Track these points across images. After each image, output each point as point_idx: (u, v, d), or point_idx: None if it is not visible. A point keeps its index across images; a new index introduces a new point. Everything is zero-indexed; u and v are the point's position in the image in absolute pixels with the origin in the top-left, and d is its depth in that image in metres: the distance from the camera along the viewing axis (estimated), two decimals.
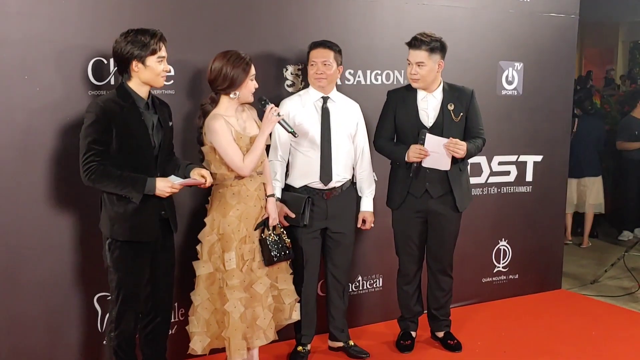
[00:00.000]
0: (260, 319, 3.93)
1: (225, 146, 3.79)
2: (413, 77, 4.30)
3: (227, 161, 3.81)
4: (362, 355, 4.54)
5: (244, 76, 3.81)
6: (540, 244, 5.90)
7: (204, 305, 3.90)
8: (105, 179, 3.39)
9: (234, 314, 3.82)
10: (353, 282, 5.01)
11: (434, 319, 4.78)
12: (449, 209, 4.45)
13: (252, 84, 3.87)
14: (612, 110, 9.11)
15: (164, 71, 3.51)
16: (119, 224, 3.48)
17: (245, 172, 3.82)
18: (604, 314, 5.48)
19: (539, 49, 5.63)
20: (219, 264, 3.86)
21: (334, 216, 4.36)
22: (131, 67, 3.45)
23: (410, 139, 4.33)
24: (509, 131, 5.53)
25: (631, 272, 6.43)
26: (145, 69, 3.46)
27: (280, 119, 3.85)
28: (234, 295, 3.82)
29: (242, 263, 3.86)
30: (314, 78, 4.26)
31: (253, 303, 3.90)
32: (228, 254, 3.82)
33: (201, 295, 3.90)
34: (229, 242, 3.83)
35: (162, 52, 3.49)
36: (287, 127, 3.91)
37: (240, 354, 3.86)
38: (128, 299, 3.56)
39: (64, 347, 4.04)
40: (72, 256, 4.01)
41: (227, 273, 3.83)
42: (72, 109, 3.85)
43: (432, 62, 4.25)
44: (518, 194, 5.70)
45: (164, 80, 3.56)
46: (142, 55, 3.43)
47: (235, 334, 3.84)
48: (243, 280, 3.85)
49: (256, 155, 3.81)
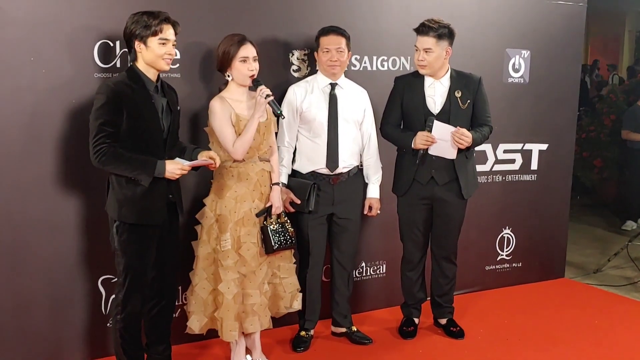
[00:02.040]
0: (257, 305, 3.95)
1: (219, 127, 3.81)
2: (420, 64, 4.28)
3: (221, 142, 3.83)
4: (365, 341, 4.55)
5: (232, 57, 3.80)
6: (544, 233, 5.90)
7: (202, 285, 3.93)
8: (116, 161, 3.38)
9: (227, 295, 3.85)
10: (357, 268, 5.02)
11: (437, 306, 4.79)
12: (455, 196, 4.44)
13: (244, 65, 3.82)
14: (618, 100, 9.08)
15: (167, 54, 3.49)
16: (127, 206, 3.48)
17: (236, 156, 3.82)
18: (607, 303, 5.48)
19: (547, 37, 5.60)
20: (215, 244, 3.88)
21: (340, 202, 4.37)
22: (134, 46, 3.45)
23: (417, 125, 4.32)
24: (514, 119, 5.52)
25: (634, 262, 6.42)
26: (147, 50, 3.45)
27: (269, 100, 3.79)
28: (228, 276, 3.85)
29: (237, 245, 3.87)
30: (327, 65, 4.24)
31: (250, 287, 3.92)
32: (223, 235, 3.85)
33: (199, 275, 3.93)
34: (225, 223, 3.86)
35: (165, 34, 3.46)
36: (275, 108, 3.83)
37: (232, 335, 3.89)
38: (135, 282, 3.56)
39: (69, 328, 4.07)
40: (77, 238, 4.02)
41: (221, 254, 3.86)
42: (78, 91, 3.85)
43: (440, 48, 4.23)
44: (523, 182, 5.69)
45: (168, 64, 3.53)
46: (143, 36, 3.42)
47: (228, 315, 3.86)
48: (237, 261, 3.86)
49: (246, 140, 3.79)
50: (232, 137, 3.81)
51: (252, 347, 4.15)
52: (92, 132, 3.38)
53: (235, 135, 3.81)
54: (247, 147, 3.83)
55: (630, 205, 8.40)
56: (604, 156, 8.95)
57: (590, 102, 11.75)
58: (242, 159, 3.86)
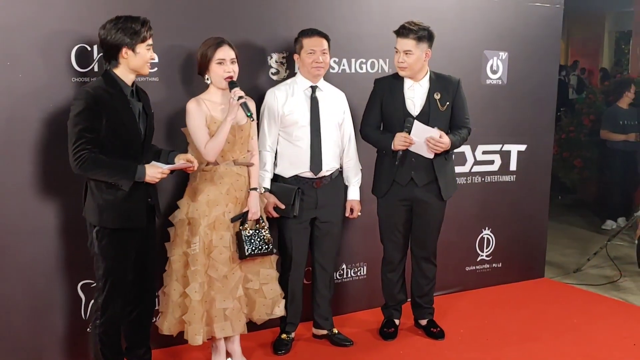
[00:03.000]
0: (229, 310, 3.94)
1: (193, 128, 3.82)
2: (400, 66, 4.30)
3: (195, 144, 3.84)
4: (345, 343, 4.56)
5: (209, 59, 3.82)
6: (524, 233, 5.94)
7: (173, 286, 3.93)
8: (97, 167, 3.38)
9: (194, 298, 3.84)
10: (337, 270, 5.02)
11: (417, 307, 4.81)
12: (434, 197, 4.47)
13: (220, 67, 3.83)
14: (597, 100, 9.16)
15: (151, 59, 3.52)
16: (108, 211, 3.47)
17: (208, 158, 3.82)
18: (586, 303, 5.53)
19: (524, 39, 5.65)
20: (186, 247, 3.89)
21: (323, 205, 4.38)
22: (120, 54, 3.44)
23: (396, 127, 4.34)
24: (493, 120, 5.55)
25: (613, 261, 6.48)
26: (135, 57, 3.45)
27: (241, 102, 3.77)
28: (196, 280, 3.84)
29: (208, 249, 3.87)
30: (313, 67, 4.24)
31: (220, 292, 3.91)
32: (193, 238, 3.85)
33: (171, 277, 3.94)
34: (195, 226, 3.86)
35: (151, 39, 3.49)
36: (246, 110, 3.79)
37: (197, 339, 3.87)
38: (115, 287, 3.56)
39: (48, 334, 4.04)
40: (56, 243, 4.00)
41: (191, 257, 3.85)
42: (56, 95, 3.84)
43: (420, 50, 4.26)
44: (502, 183, 5.73)
45: (149, 68, 3.57)
46: (132, 43, 3.42)
47: (194, 318, 3.86)
48: (206, 265, 3.86)
49: (218, 142, 3.79)
50: (205, 139, 3.81)
51: (232, 350, 4.14)
52: (71, 139, 3.37)
53: (209, 137, 3.82)
54: (219, 150, 3.82)
55: (610, 205, 8.47)
56: (583, 156, 9.03)
57: (571, 102, 11.84)
58: (214, 161, 3.86)
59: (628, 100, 8.09)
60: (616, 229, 7.81)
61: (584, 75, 14.65)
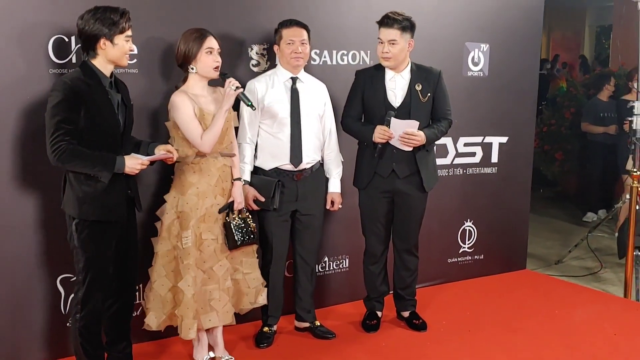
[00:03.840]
0: (215, 301, 3.92)
1: (185, 121, 3.78)
2: (385, 56, 4.29)
3: (187, 137, 3.80)
4: (328, 335, 4.55)
5: (197, 48, 3.79)
6: (506, 225, 5.96)
7: (161, 282, 3.89)
8: (75, 159, 3.34)
9: (187, 293, 3.82)
10: (320, 263, 5.01)
11: (399, 299, 4.81)
12: (416, 189, 4.47)
13: (210, 57, 3.81)
14: (578, 93, 9.21)
15: (130, 50, 3.48)
16: (87, 204, 3.43)
17: (204, 149, 3.80)
18: (567, 294, 5.56)
19: (505, 31, 5.66)
20: (176, 241, 3.85)
21: (304, 198, 4.36)
22: (98, 45, 3.40)
23: (377, 119, 4.33)
24: (474, 112, 5.56)
25: (594, 253, 6.53)
26: (113, 48, 3.41)
27: (239, 92, 3.79)
28: (189, 274, 3.82)
29: (199, 242, 3.85)
30: (292, 57, 4.21)
31: (210, 284, 3.90)
32: (185, 232, 3.82)
33: (158, 272, 3.90)
34: (186, 220, 3.83)
35: (129, 31, 3.45)
36: (246, 100, 3.83)
37: (191, 332, 3.86)
38: (96, 280, 3.52)
39: (27, 328, 4.00)
40: (35, 237, 3.95)
41: (183, 251, 3.83)
42: (33, 87, 3.79)
43: (404, 40, 4.25)
44: (483, 175, 5.74)
45: (128, 59, 3.53)
46: (110, 34, 3.39)
47: (187, 313, 3.84)
48: (198, 259, 3.84)
49: (215, 132, 3.78)
50: (199, 131, 3.78)
51: (214, 343, 4.12)
52: (49, 130, 3.33)
53: (201, 128, 3.79)
54: (215, 140, 3.81)
55: (590, 197, 8.52)
56: (564, 149, 9.08)
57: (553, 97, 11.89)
58: (209, 151, 3.83)
59: (608, 92, 8.15)
60: (597, 221, 7.87)
61: (564, 69, 14.72)
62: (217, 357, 4.11)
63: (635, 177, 5.47)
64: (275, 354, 4.32)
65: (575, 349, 4.44)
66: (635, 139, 5.58)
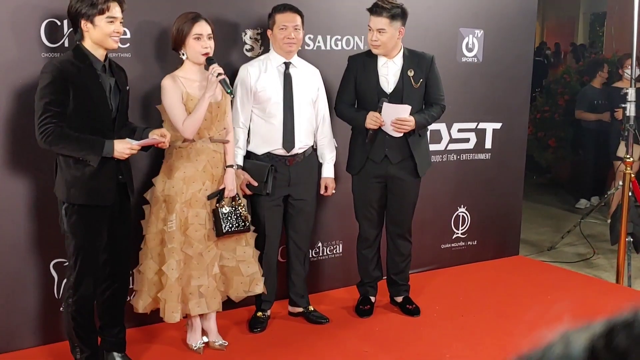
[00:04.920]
0: (204, 287, 3.93)
1: (170, 105, 3.78)
2: (374, 44, 4.28)
3: (172, 121, 3.80)
4: (321, 320, 4.56)
5: (185, 34, 3.76)
6: (499, 211, 5.97)
7: (148, 264, 3.90)
8: (63, 142, 3.32)
9: (171, 276, 3.82)
10: (313, 248, 5.02)
11: (393, 284, 4.82)
12: (409, 174, 4.47)
13: (198, 43, 3.78)
14: (572, 80, 9.21)
15: (115, 32, 3.42)
16: (76, 188, 3.42)
17: (186, 135, 3.78)
18: (560, 279, 5.58)
19: (500, 17, 5.64)
20: (162, 225, 3.86)
21: (296, 183, 4.36)
22: (81, 26, 3.38)
23: (370, 105, 4.33)
24: (468, 98, 5.56)
25: (587, 239, 6.55)
26: (95, 29, 3.38)
27: (220, 79, 3.75)
28: (172, 258, 3.82)
29: (184, 226, 3.85)
30: (284, 43, 4.20)
31: (198, 270, 3.90)
32: (170, 216, 3.82)
33: (146, 255, 3.91)
34: (172, 204, 3.83)
35: (113, 12, 3.39)
36: (225, 87, 3.79)
37: (174, 316, 3.86)
38: (86, 264, 3.51)
39: (20, 313, 4.00)
40: (27, 222, 3.94)
41: (167, 234, 3.83)
42: (25, 71, 3.76)
43: (393, 28, 4.24)
44: (477, 161, 5.74)
45: (116, 42, 3.47)
46: (89, 14, 3.35)
47: (171, 296, 3.84)
48: (183, 243, 3.84)
49: (196, 118, 3.75)
50: (183, 116, 3.77)
51: (207, 328, 4.13)
52: (37, 112, 3.31)
53: (186, 113, 3.77)
54: (197, 126, 3.78)
55: (583, 184, 8.54)
56: (558, 136, 9.08)
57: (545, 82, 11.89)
58: (192, 138, 3.82)
59: (601, 80, 8.14)
60: (589, 207, 7.89)
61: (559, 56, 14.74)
62: (210, 342, 4.12)
63: (627, 163, 5.48)
64: (269, 339, 4.33)
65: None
66: (628, 125, 5.59)
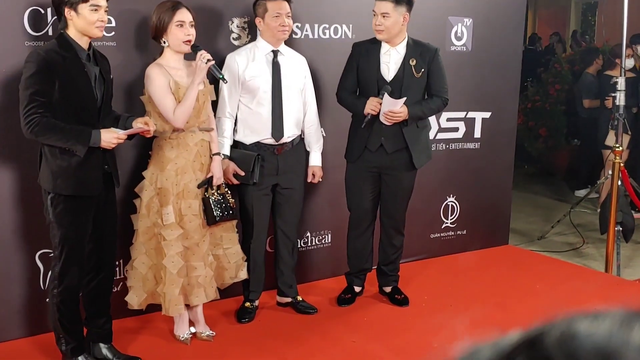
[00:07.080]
0: (202, 277, 3.91)
1: (158, 94, 3.72)
2: (378, 28, 4.26)
3: (161, 111, 3.75)
4: (310, 310, 4.55)
5: (167, 21, 3.71)
6: (488, 201, 5.95)
7: (141, 259, 3.87)
8: (49, 132, 3.29)
9: (172, 269, 3.79)
10: (302, 238, 5.00)
11: (382, 274, 4.81)
12: (403, 165, 4.45)
13: (181, 30, 3.73)
14: (563, 70, 9.19)
15: (99, 21, 3.38)
16: (62, 178, 3.39)
17: (177, 124, 3.75)
18: (549, 269, 5.57)
19: (489, 5, 5.61)
20: (156, 218, 3.82)
21: (285, 172, 4.34)
22: (64, 14, 3.34)
23: (370, 92, 4.31)
24: (458, 87, 5.50)
25: (577, 228, 6.55)
26: (78, 17, 3.33)
27: (210, 65, 3.73)
28: (172, 250, 3.79)
29: (179, 218, 3.82)
30: (278, 30, 4.16)
31: (195, 260, 3.88)
32: (166, 208, 3.78)
33: (138, 250, 3.87)
34: (166, 196, 3.79)
35: (97, 0, 3.35)
36: (217, 73, 3.78)
37: (177, 309, 3.85)
38: (72, 255, 3.48)
39: (5, 305, 3.96)
40: (12, 212, 3.91)
41: (164, 227, 3.79)
42: (8, 60, 3.72)
43: (397, 13, 4.21)
44: (466, 150, 5.72)
45: (101, 31, 3.43)
46: (73, 2, 3.31)
47: (172, 289, 3.82)
48: (181, 235, 3.81)
49: (187, 107, 3.72)
50: (173, 105, 3.73)
51: (195, 319, 4.11)
52: (22, 102, 3.27)
53: (176, 103, 3.74)
54: (188, 115, 3.75)
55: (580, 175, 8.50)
56: (549, 125, 9.07)
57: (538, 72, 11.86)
58: (182, 127, 3.79)
59: (597, 67, 8.11)
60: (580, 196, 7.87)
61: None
62: (198, 332, 4.10)
63: (617, 152, 5.48)
64: (257, 329, 4.31)
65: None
66: (618, 114, 5.58)
